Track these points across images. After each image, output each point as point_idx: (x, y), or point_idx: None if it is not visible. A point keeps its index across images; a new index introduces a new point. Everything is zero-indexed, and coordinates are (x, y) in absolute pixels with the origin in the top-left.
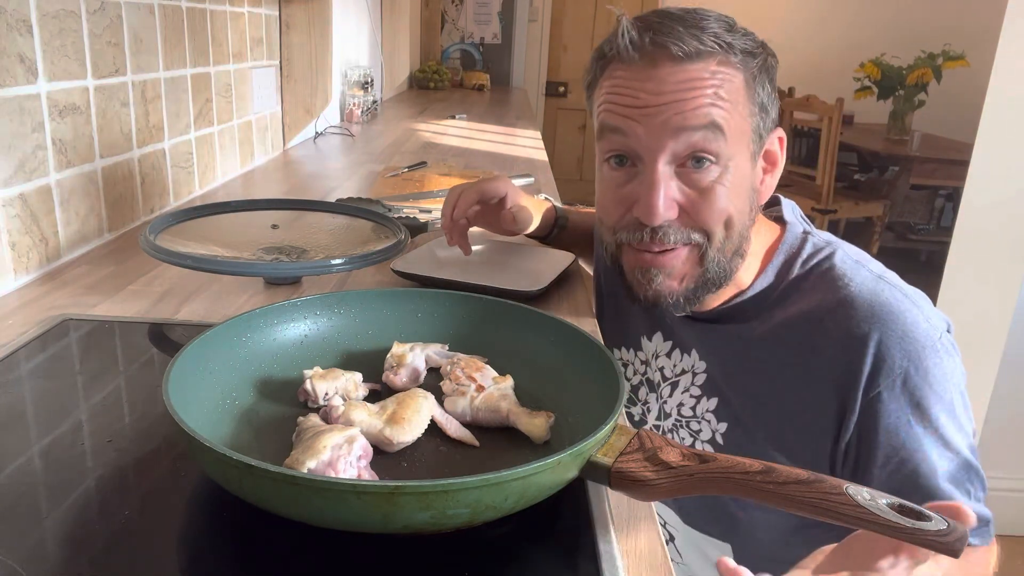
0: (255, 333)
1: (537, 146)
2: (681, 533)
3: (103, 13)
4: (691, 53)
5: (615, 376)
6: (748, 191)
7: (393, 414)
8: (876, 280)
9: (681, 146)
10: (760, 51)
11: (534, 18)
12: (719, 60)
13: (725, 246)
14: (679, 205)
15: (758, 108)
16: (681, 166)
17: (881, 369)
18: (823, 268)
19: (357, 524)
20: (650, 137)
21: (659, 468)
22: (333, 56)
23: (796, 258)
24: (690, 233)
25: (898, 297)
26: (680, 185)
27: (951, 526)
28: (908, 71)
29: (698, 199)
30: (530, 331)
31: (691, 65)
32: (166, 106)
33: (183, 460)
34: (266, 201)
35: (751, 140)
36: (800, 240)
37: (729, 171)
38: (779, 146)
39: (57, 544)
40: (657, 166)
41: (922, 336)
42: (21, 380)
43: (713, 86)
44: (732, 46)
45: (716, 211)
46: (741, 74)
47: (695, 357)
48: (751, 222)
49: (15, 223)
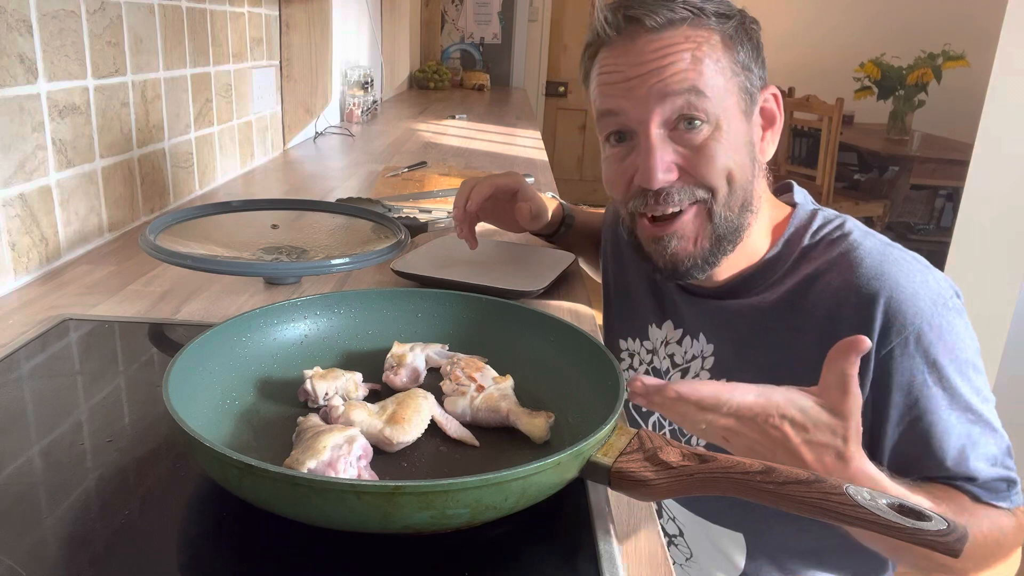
0: (255, 333)
1: (537, 146)
2: (690, 526)
3: (103, 13)
4: (664, 22)
5: (615, 376)
6: (746, 146)
7: (393, 414)
8: (884, 245)
9: (668, 110)
10: (735, 13)
11: (534, 18)
12: (691, 23)
13: (730, 200)
14: (678, 166)
15: (740, 67)
16: (674, 129)
17: (892, 326)
18: (833, 236)
19: (357, 524)
20: (638, 108)
21: (659, 468)
22: (333, 56)
23: (806, 229)
24: (694, 190)
25: (907, 259)
26: (676, 147)
27: (951, 526)
28: (908, 71)
29: (695, 157)
30: (530, 331)
31: (665, 33)
32: (166, 106)
33: (183, 460)
34: (266, 201)
35: (739, 98)
36: (810, 214)
37: (722, 128)
38: (775, 103)
39: (57, 544)
40: (650, 132)
41: (932, 294)
42: (21, 380)
43: (688, 49)
44: (703, 10)
45: (715, 166)
46: (717, 34)
47: (703, 341)
48: (754, 177)
49: (15, 223)
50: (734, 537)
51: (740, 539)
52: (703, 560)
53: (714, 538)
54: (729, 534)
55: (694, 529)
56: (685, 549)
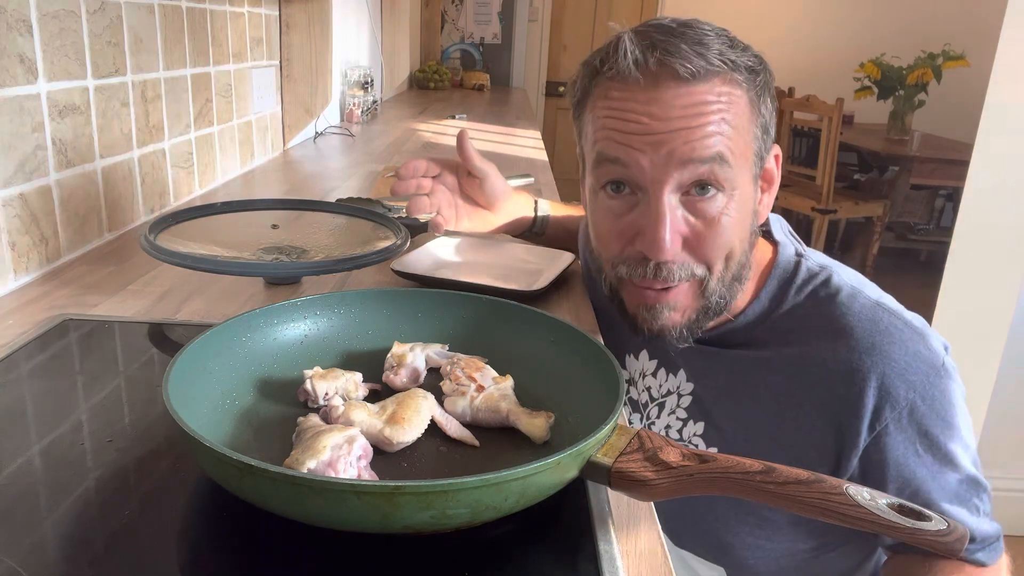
0: (255, 333)
1: (537, 146)
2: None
3: (103, 13)
4: (697, 73)
5: (615, 376)
6: (750, 215)
7: (393, 414)
8: (874, 307)
9: (687, 176)
10: (761, 67)
11: (534, 18)
12: (724, 79)
13: (725, 276)
14: (683, 237)
15: (761, 131)
16: (686, 194)
17: (886, 403)
18: (819, 296)
19: (357, 524)
20: (655, 168)
21: (659, 468)
22: (333, 56)
23: (790, 284)
24: (692, 268)
25: (898, 326)
26: (685, 215)
27: (951, 526)
28: (908, 71)
29: (704, 231)
30: (530, 331)
31: (697, 87)
32: (166, 106)
33: (183, 460)
34: (266, 201)
35: (752, 163)
36: (794, 264)
37: (734, 199)
38: (775, 164)
39: (57, 544)
40: (663, 197)
41: (924, 365)
42: (21, 380)
43: (719, 111)
44: (736, 64)
45: (721, 243)
46: (746, 95)
47: (682, 378)
48: (751, 247)
49: (15, 223)
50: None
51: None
52: None
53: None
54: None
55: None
56: None
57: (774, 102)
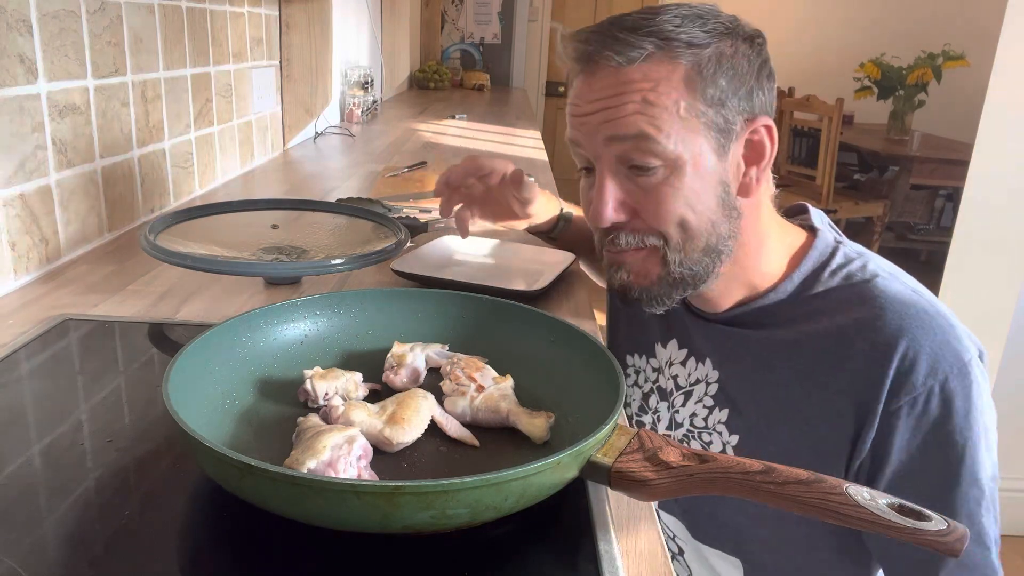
0: (255, 333)
1: (537, 146)
2: (690, 547)
3: (103, 13)
4: (623, 60)
5: (615, 376)
6: (712, 187)
7: (393, 414)
8: (909, 293)
9: (617, 151)
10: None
11: (534, 18)
12: (654, 58)
13: (686, 246)
14: (630, 208)
15: (708, 103)
16: (631, 167)
17: (905, 383)
18: (855, 280)
19: (357, 524)
20: (590, 144)
21: (659, 468)
22: (333, 56)
23: (825, 267)
24: (644, 237)
25: (930, 313)
26: (630, 187)
27: (951, 526)
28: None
29: (645, 201)
30: (530, 331)
31: (624, 69)
32: (166, 106)
33: (183, 460)
34: (266, 201)
35: (707, 136)
36: (831, 249)
37: (681, 171)
38: (766, 134)
39: (57, 544)
40: (602, 171)
41: (952, 356)
42: (21, 380)
43: (642, 90)
44: (672, 40)
45: (665, 212)
46: (682, 68)
47: (709, 366)
48: (726, 219)
49: (15, 223)
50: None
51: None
52: None
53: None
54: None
55: (693, 551)
56: (685, 567)
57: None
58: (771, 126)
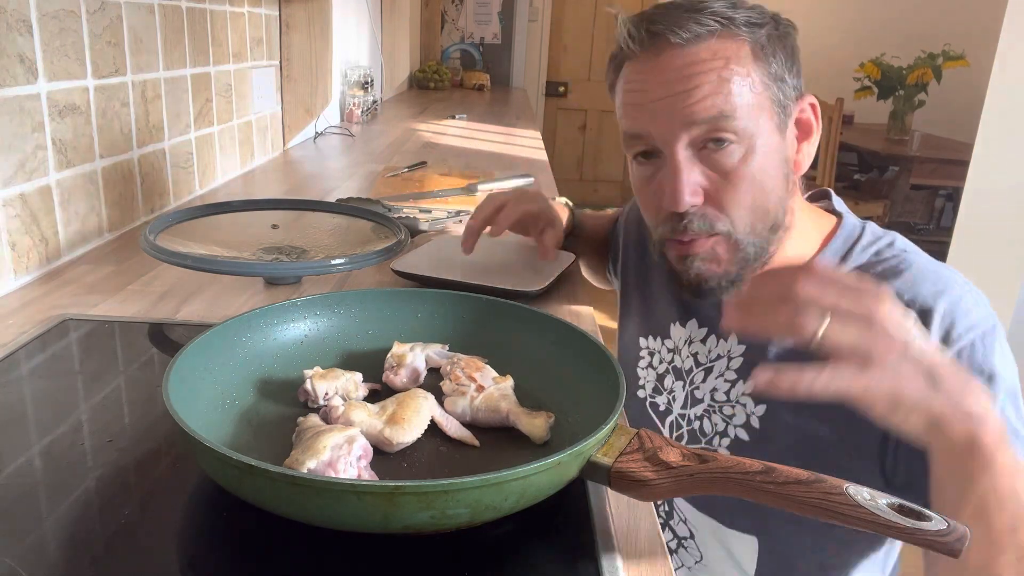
0: (255, 333)
1: (537, 146)
2: (702, 529)
3: (103, 13)
4: (691, 37)
5: (615, 376)
6: (780, 164)
7: (393, 414)
8: (939, 265)
9: (695, 133)
10: (765, 20)
11: (534, 18)
12: (720, 36)
13: (756, 226)
14: (704, 190)
15: (772, 79)
16: (702, 149)
17: (949, 336)
18: (885, 255)
19: (357, 524)
20: (663, 130)
21: (659, 468)
22: (333, 56)
23: (856, 243)
24: (713, 223)
25: (960, 281)
26: (704, 169)
27: (951, 526)
28: (908, 71)
29: (723, 183)
30: (530, 331)
31: (691, 48)
32: (166, 106)
33: (183, 460)
34: (266, 201)
35: (772, 112)
36: (859, 229)
37: (755, 150)
38: (812, 112)
39: (57, 544)
40: (676, 154)
41: (984, 315)
42: (21, 380)
43: (715, 68)
44: (733, 19)
45: (742, 193)
46: (747, 46)
47: (732, 341)
48: (787, 194)
49: (15, 223)
50: (747, 541)
51: (753, 544)
52: (713, 564)
53: (725, 541)
54: (742, 538)
55: (705, 532)
56: (695, 552)
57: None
58: (816, 104)
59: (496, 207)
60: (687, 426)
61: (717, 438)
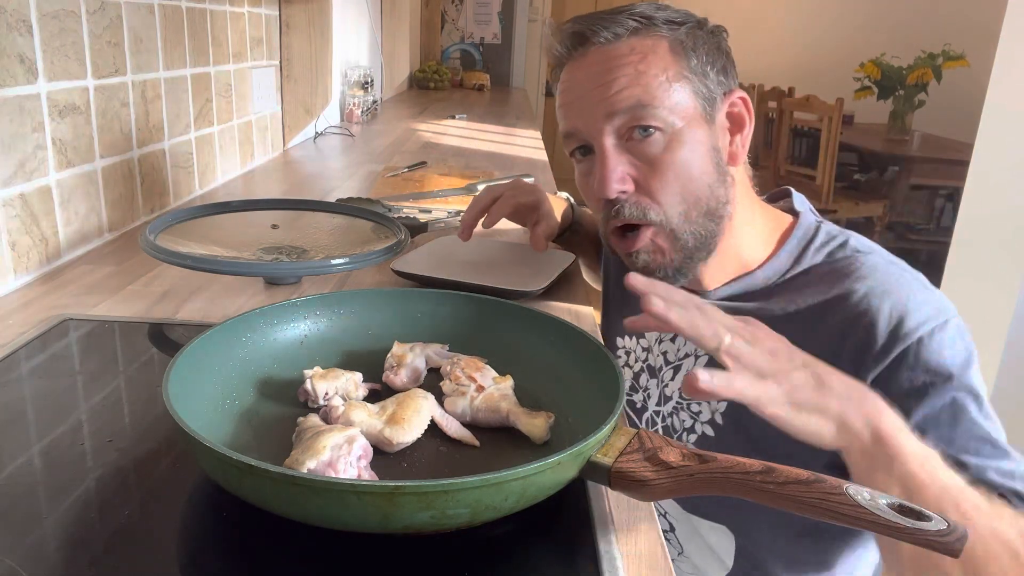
0: (255, 333)
1: (537, 146)
2: (682, 522)
3: (103, 13)
4: (611, 36)
5: (615, 376)
6: (706, 154)
7: (393, 414)
8: (889, 263)
9: (618, 124)
10: (689, 20)
11: (534, 18)
12: (638, 33)
13: (689, 213)
14: (633, 178)
15: (691, 72)
16: (628, 139)
17: (895, 338)
18: (838, 255)
19: (357, 524)
20: (588, 122)
21: (659, 468)
22: (333, 56)
23: (810, 244)
24: (646, 211)
25: (909, 278)
26: (631, 159)
27: (951, 526)
28: (908, 71)
29: (649, 171)
30: (530, 331)
31: (613, 45)
32: (166, 106)
33: (183, 460)
34: (266, 201)
35: (696, 104)
36: (814, 228)
37: (680, 138)
38: (744, 106)
39: (57, 544)
40: (603, 144)
41: (933, 310)
42: (21, 380)
43: (632, 62)
44: (652, 19)
45: (668, 181)
46: (665, 41)
47: None
48: (721, 183)
49: (15, 223)
50: (726, 535)
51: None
52: (694, 556)
53: (704, 534)
54: (719, 530)
55: (685, 526)
56: (676, 544)
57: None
58: (746, 98)
59: (491, 198)
60: (660, 423)
61: (685, 434)
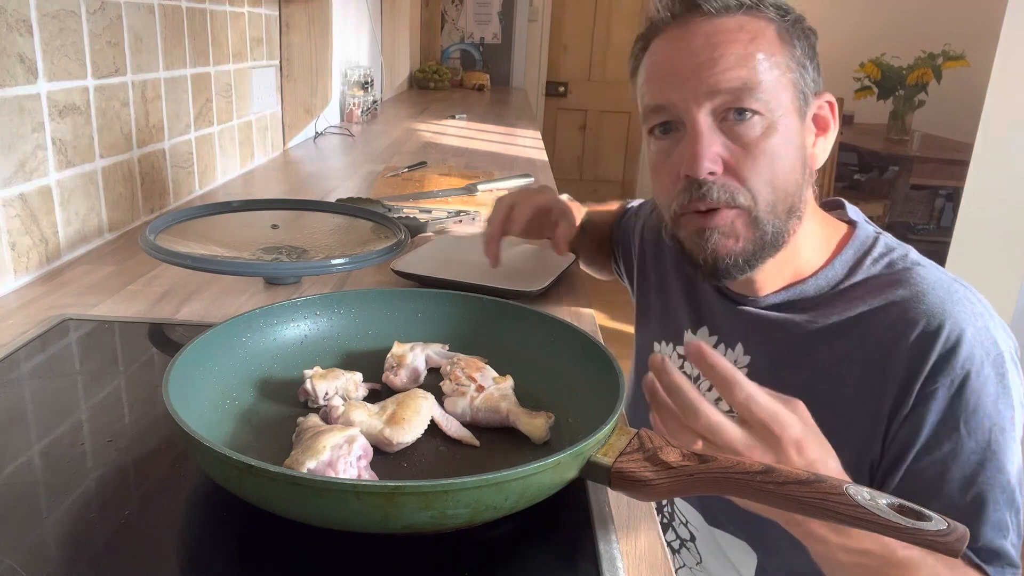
0: (255, 333)
1: (537, 146)
2: (704, 534)
3: (103, 13)
4: (720, 7)
5: (615, 376)
6: (797, 149)
7: (393, 414)
8: (951, 281)
9: (718, 102)
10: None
11: (534, 18)
12: (748, 12)
13: (776, 206)
14: (724, 161)
15: (795, 63)
16: (724, 120)
17: (945, 365)
18: (897, 268)
19: (357, 524)
20: (687, 97)
21: (659, 468)
22: (333, 56)
23: (867, 255)
24: (735, 194)
25: (972, 300)
26: (725, 141)
27: (951, 526)
28: (908, 71)
29: (743, 155)
30: (530, 331)
31: (720, 19)
32: (166, 106)
33: (183, 460)
34: (266, 201)
35: (794, 95)
36: (872, 239)
37: (776, 127)
38: (830, 111)
39: (57, 544)
40: (697, 120)
41: (990, 343)
42: (21, 380)
43: (742, 41)
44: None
45: (762, 166)
46: (773, 27)
47: (739, 351)
48: (804, 182)
49: (15, 223)
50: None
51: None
52: (712, 568)
53: (725, 549)
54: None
55: (706, 537)
56: (695, 553)
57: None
58: (834, 103)
59: (508, 207)
60: None
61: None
